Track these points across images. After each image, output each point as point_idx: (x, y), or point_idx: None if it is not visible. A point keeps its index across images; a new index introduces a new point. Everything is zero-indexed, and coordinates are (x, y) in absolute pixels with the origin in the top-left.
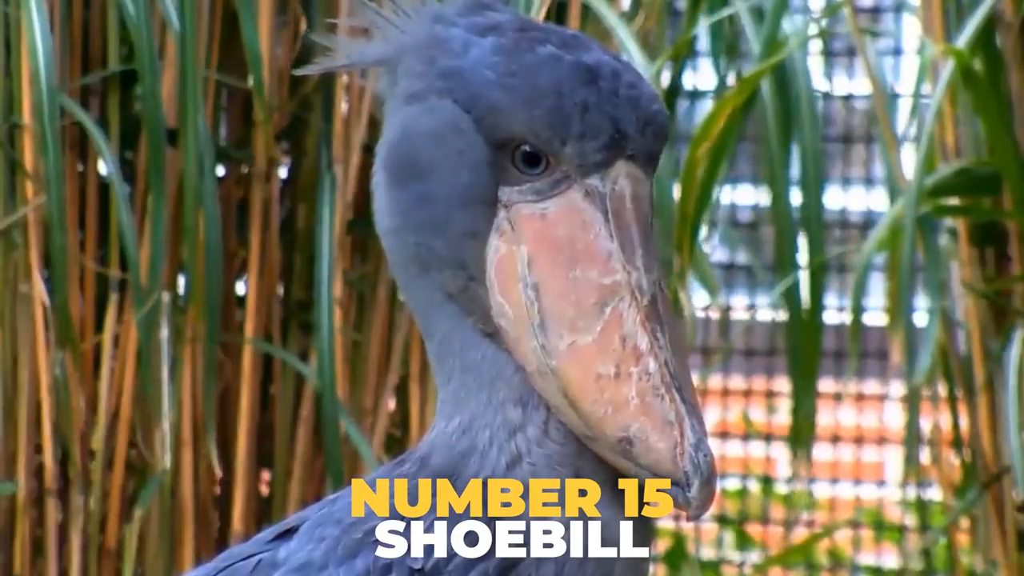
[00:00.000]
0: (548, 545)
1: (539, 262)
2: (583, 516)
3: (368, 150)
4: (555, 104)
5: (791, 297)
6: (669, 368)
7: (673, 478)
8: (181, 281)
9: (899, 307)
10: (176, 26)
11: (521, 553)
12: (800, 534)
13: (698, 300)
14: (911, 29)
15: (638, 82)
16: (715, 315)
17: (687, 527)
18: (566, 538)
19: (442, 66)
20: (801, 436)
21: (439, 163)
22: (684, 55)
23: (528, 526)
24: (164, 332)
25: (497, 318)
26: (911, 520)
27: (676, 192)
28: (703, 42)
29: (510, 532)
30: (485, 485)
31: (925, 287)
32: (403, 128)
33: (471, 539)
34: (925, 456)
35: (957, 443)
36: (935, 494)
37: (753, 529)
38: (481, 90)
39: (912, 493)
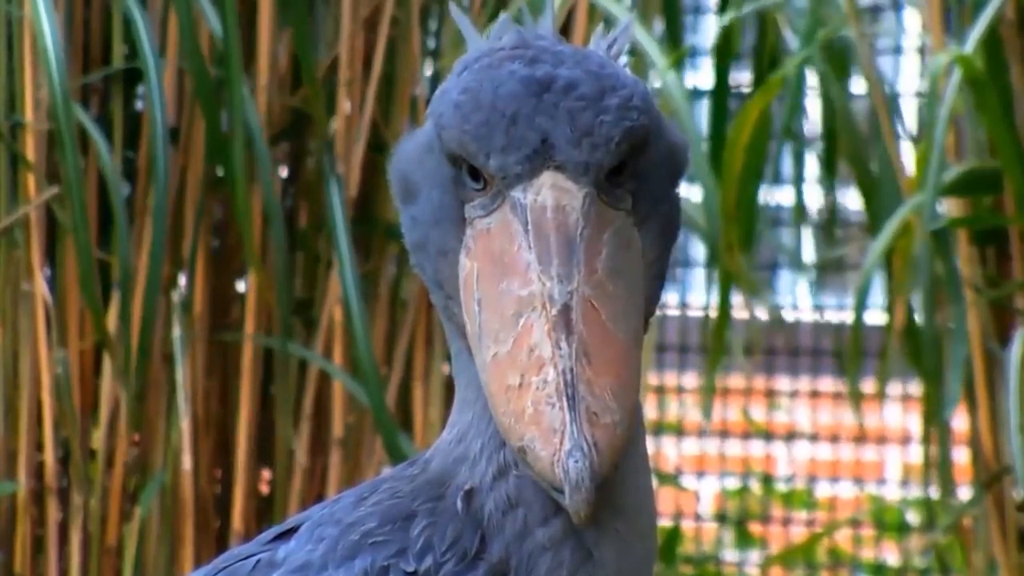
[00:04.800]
0: (536, 554)
1: (482, 277)
2: (570, 528)
3: (370, 149)
4: (484, 118)
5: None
6: (567, 376)
7: (554, 485)
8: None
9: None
10: (218, 32)
11: (512, 562)
12: (800, 533)
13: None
14: (911, 28)
15: (596, 95)
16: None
17: (687, 525)
18: (553, 548)
19: (437, 91)
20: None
21: (420, 183)
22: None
23: (517, 534)
24: (176, 331)
25: (467, 335)
26: (912, 518)
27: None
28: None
29: (500, 540)
30: (474, 493)
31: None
32: (398, 151)
33: (463, 545)
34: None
35: (943, 443)
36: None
37: (753, 528)
38: (442, 108)
39: (913, 492)
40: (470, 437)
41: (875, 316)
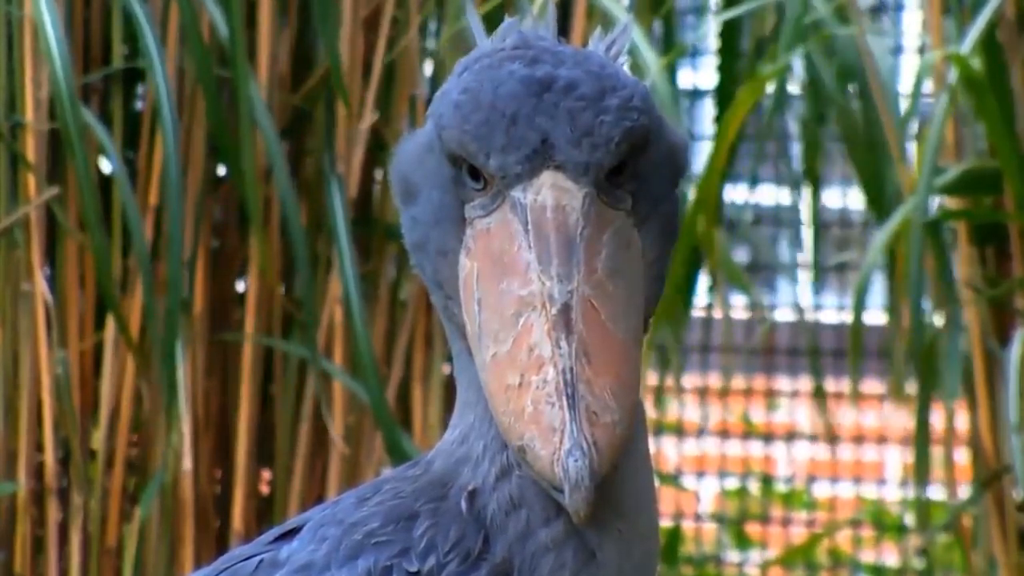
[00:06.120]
0: (539, 554)
1: (482, 277)
2: (573, 529)
3: (370, 149)
4: (484, 118)
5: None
6: (567, 375)
7: (554, 484)
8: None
9: (909, 311)
10: (224, 31)
11: (514, 563)
12: (800, 533)
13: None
14: (911, 28)
15: (596, 95)
16: (716, 315)
17: (687, 526)
18: (556, 549)
19: (437, 92)
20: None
21: (420, 183)
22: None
23: (520, 535)
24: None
25: (468, 335)
26: (912, 519)
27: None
28: (709, 41)
29: (502, 540)
30: (477, 493)
31: (929, 292)
32: (399, 151)
33: (465, 545)
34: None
35: (947, 442)
36: (937, 493)
37: (753, 528)
38: (442, 108)
39: (913, 492)
40: (472, 438)
41: (875, 316)
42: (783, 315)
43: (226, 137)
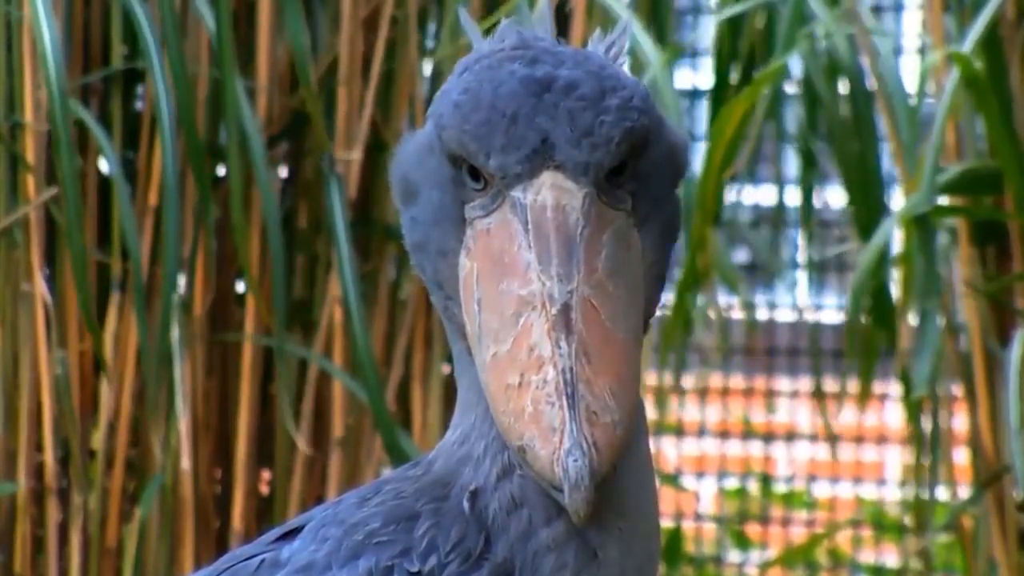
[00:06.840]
0: (540, 554)
1: (481, 277)
2: (574, 528)
3: (370, 149)
4: (484, 117)
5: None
6: (567, 375)
7: (553, 484)
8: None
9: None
10: (211, 27)
11: (516, 562)
12: (800, 534)
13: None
14: (911, 28)
15: (596, 95)
16: (713, 315)
17: (687, 526)
18: (557, 549)
19: (438, 92)
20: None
21: (420, 183)
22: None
23: (521, 534)
24: (175, 332)
25: (468, 335)
26: (911, 520)
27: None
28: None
29: (504, 540)
30: (478, 493)
31: (922, 289)
32: (399, 152)
33: (467, 545)
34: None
35: (943, 442)
36: (938, 493)
37: (753, 529)
38: (442, 109)
39: (912, 493)
40: (473, 438)
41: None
42: (783, 315)
43: (200, 153)
